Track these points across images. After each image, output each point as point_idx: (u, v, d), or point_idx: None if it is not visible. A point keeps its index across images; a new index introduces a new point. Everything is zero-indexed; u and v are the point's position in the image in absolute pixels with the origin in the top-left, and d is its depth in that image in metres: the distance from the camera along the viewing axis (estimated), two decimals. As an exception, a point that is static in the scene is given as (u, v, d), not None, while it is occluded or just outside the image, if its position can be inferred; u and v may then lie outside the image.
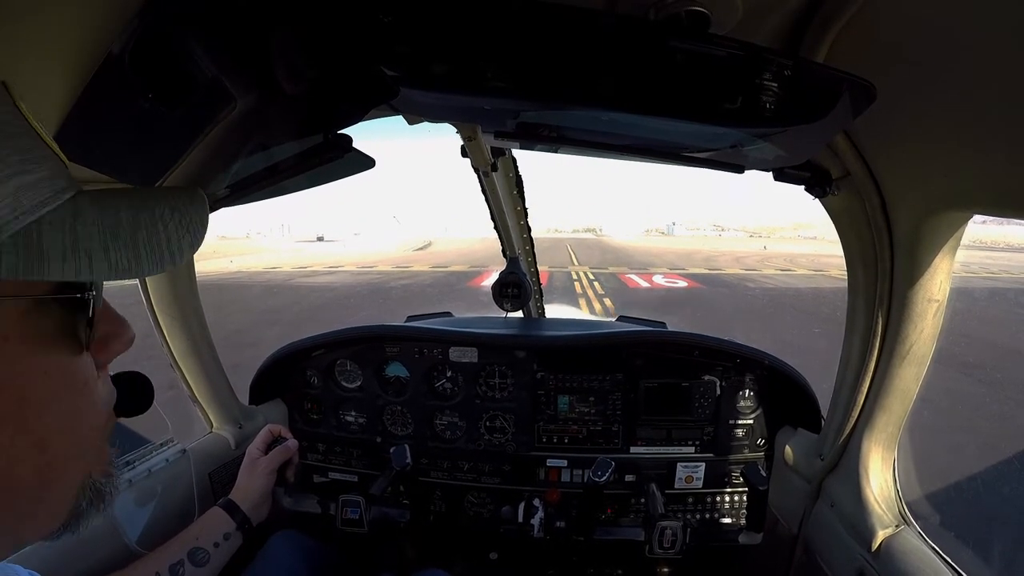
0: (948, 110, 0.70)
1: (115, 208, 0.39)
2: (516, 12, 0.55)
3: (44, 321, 0.38)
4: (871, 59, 0.71)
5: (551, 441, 1.59)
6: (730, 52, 0.58)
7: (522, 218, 1.88)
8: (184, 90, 0.70)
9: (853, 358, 1.12)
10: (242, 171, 0.98)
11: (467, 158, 1.29)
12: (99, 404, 0.44)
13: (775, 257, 28.46)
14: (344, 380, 1.66)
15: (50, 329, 0.38)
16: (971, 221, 0.87)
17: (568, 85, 0.60)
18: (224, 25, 0.66)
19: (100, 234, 0.37)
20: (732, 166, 0.95)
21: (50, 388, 0.38)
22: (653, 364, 1.54)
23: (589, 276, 18.21)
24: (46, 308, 0.38)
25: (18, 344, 0.36)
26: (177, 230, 0.41)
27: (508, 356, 1.57)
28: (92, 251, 0.36)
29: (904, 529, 1.02)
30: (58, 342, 0.39)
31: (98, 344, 0.44)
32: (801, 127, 0.68)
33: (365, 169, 0.85)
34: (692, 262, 24.71)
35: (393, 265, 22.95)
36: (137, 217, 0.40)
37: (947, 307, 0.96)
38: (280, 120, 0.84)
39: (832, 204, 1.05)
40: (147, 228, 0.40)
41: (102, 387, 0.45)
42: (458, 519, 1.63)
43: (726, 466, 1.55)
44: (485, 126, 0.98)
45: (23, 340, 0.36)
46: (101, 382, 0.45)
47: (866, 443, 1.09)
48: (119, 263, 0.37)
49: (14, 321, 0.36)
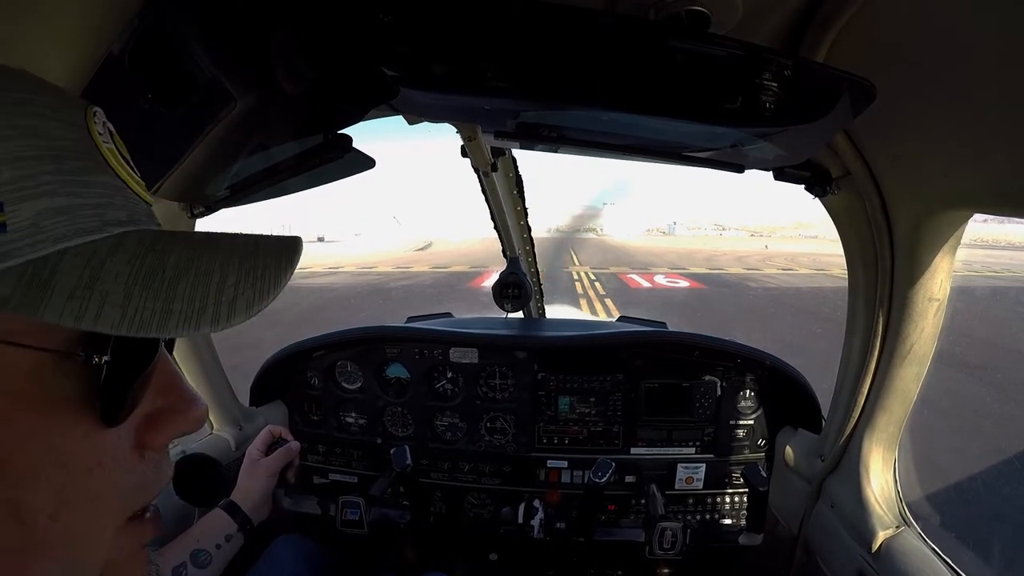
0: (948, 110, 0.70)
1: (168, 250, 0.33)
2: (516, 12, 0.55)
3: (57, 379, 0.31)
4: (871, 59, 0.71)
5: (551, 442, 1.59)
6: (730, 52, 0.58)
7: (522, 218, 1.88)
8: (184, 90, 0.70)
9: (853, 358, 1.12)
10: (242, 171, 0.99)
11: (467, 158, 1.29)
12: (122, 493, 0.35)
13: (777, 256, 28.42)
14: (344, 381, 1.66)
15: (63, 390, 0.31)
16: (972, 220, 0.87)
17: (568, 85, 0.60)
18: (224, 25, 0.67)
19: (130, 275, 0.31)
20: (732, 166, 0.95)
21: (38, 455, 0.31)
22: (654, 364, 1.54)
23: (591, 276, 18.19)
24: (61, 364, 0.31)
25: (14, 399, 0.30)
26: (239, 282, 0.33)
27: (508, 357, 1.57)
28: (107, 294, 0.29)
29: (904, 530, 1.02)
30: (70, 406, 0.32)
31: (144, 421, 0.36)
32: (801, 127, 0.68)
33: (365, 169, 0.85)
34: (693, 262, 24.67)
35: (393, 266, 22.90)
36: (190, 261, 0.33)
37: (948, 306, 0.95)
38: (280, 120, 0.84)
39: (832, 203, 1.05)
40: (195, 275, 0.32)
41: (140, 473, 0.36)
42: (458, 520, 1.63)
43: (726, 467, 1.55)
44: (485, 126, 0.98)
45: (24, 395, 0.30)
46: (149, 465, 0.37)
47: (867, 443, 1.09)
48: (138, 315, 0.29)
49: (17, 371, 0.30)
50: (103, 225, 0.32)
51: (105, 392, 0.32)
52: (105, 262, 0.30)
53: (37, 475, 0.31)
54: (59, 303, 0.28)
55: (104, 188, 0.33)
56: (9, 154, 0.29)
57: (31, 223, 0.29)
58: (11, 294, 0.28)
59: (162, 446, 0.38)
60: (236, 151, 0.92)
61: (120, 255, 0.31)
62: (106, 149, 0.34)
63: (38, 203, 0.29)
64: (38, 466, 0.31)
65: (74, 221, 0.31)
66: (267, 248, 0.36)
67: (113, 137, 0.36)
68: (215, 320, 0.31)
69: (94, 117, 0.35)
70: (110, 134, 0.36)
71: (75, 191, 0.31)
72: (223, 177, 1.03)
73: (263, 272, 0.34)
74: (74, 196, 0.31)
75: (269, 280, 0.34)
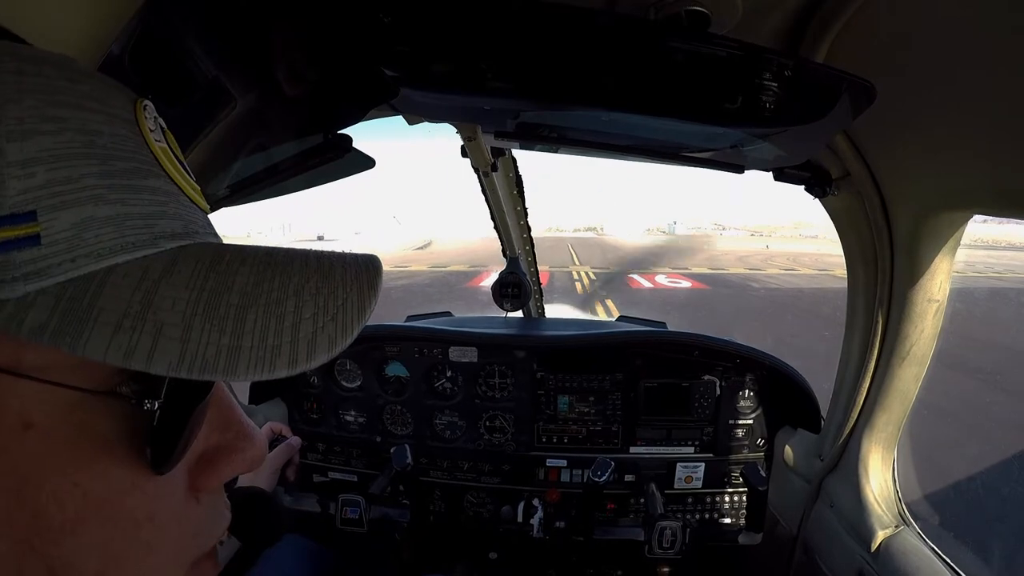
0: (948, 110, 0.70)
1: (234, 270, 0.28)
2: (516, 12, 0.55)
3: (99, 420, 0.26)
4: (871, 59, 0.71)
5: (551, 441, 1.59)
6: (730, 52, 0.58)
7: (522, 218, 1.88)
8: (184, 90, 0.71)
9: (853, 358, 1.12)
10: (243, 171, 0.99)
11: (467, 158, 1.29)
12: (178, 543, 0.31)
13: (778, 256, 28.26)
14: (344, 380, 1.66)
15: (107, 434, 0.27)
16: (971, 220, 0.87)
17: (568, 85, 0.60)
18: (224, 25, 0.67)
19: (189, 302, 0.26)
20: (732, 166, 0.95)
21: (76, 508, 0.26)
22: (653, 364, 1.54)
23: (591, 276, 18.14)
24: (105, 405, 0.26)
25: (46, 440, 0.25)
26: (316, 314, 0.28)
27: (508, 356, 1.57)
28: (163, 326, 0.24)
29: (904, 529, 1.02)
30: (115, 451, 0.27)
31: (198, 462, 0.32)
32: (801, 127, 0.68)
33: (365, 169, 0.85)
34: (695, 261, 24.59)
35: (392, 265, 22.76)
36: (258, 286, 0.27)
37: (948, 307, 0.96)
38: (280, 120, 0.84)
39: (832, 204, 1.05)
40: (267, 305, 0.27)
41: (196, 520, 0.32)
42: (458, 519, 1.63)
43: (726, 466, 1.55)
44: (485, 126, 0.98)
45: (59, 437, 0.25)
46: (206, 509, 0.33)
47: (866, 443, 1.09)
48: (200, 353, 0.25)
49: (53, 409, 0.25)
50: (155, 238, 0.27)
51: (157, 437, 0.28)
52: (160, 285, 0.26)
53: (76, 531, 0.26)
54: (104, 335, 0.23)
55: (156, 194, 0.29)
56: (44, 151, 0.24)
57: (71, 235, 0.24)
58: (47, 320, 0.23)
59: (218, 488, 0.34)
60: (236, 150, 0.92)
61: (177, 276, 0.26)
62: (158, 148, 0.30)
63: (80, 211, 0.25)
64: (77, 520, 0.26)
65: (122, 233, 0.26)
66: (344, 269, 0.30)
67: (165, 134, 0.32)
68: (292, 362, 0.26)
69: (144, 111, 0.31)
70: (162, 131, 0.32)
71: (123, 197, 0.27)
72: (223, 176, 1.03)
73: (344, 302, 0.29)
74: (121, 204, 0.26)
75: (352, 311, 0.29)
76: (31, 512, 0.25)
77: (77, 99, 0.27)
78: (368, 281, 0.30)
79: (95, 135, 0.27)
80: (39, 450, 0.25)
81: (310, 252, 0.31)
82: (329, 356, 0.27)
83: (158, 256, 0.27)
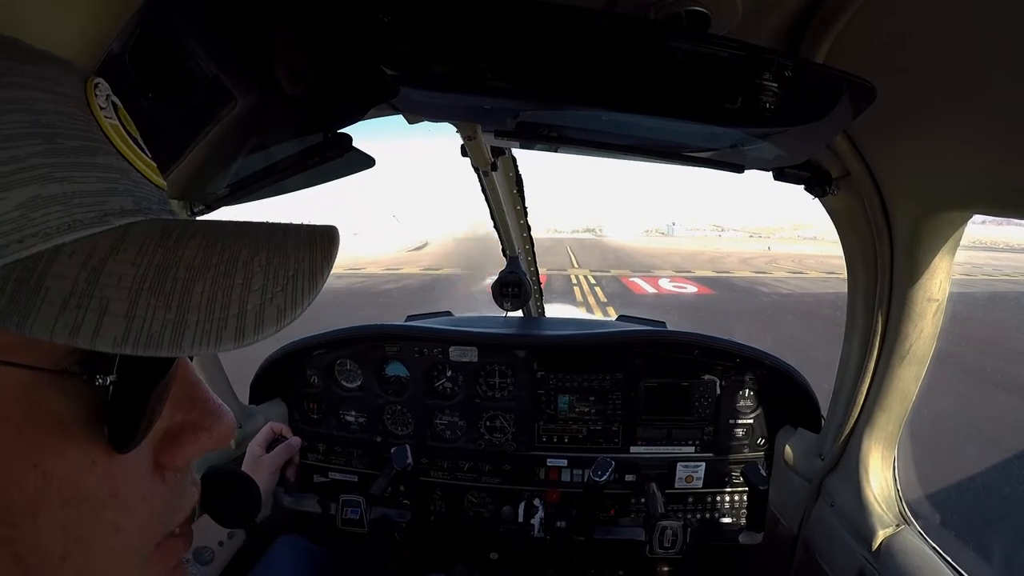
0: (948, 110, 0.70)
1: (182, 244, 0.28)
2: (516, 12, 0.55)
3: (54, 400, 0.27)
4: (871, 59, 0.71)
5: (551, 441, 1.59)
6: (730, 52, 0.58)
7: (522, 217, 1.88)
8: (184, 89, 0.71)
9: (853, 358, 1.12)
10: (243, 170, 0.98)
11: (467, 158, 1.29)
12: (144, 522, 0.31)
13: (782, 258, 28.00)
14: (344, 380, 1.66)
15: (63, 413, 0.27)
16: (970, 221, 0.87)
17: (568, 85, 0.60)
18: (224, 24, 0.67)
19: (135, 278, 0.25)
20: (732, 166, 0.95)
21: (36, 490, 0.26)
22: (653, 363, 1.54)
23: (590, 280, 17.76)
24: (59, 384, 0.27)
25: (2, 423, 0.25)
26: (265, 285, 0.27)
27: (508, 356, 1.57)
28: (108, 303, 0.24)
29: (904, 529, 1.02)
30: (71, 430, 0.27)
31: (163, 439, 0.32)
32: (801, 127, 0.68)
33: (365, 168, 0.85)
34: (697, 264, 24.38)
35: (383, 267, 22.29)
36: (207, 260, 0.27)
37: (948, 306, 0.96)
38: (280, 119, 0.84)
39: (832, 204, 1.05)
40: (215, 278, 0.27)
41: (162, 497, 0.32)
42: (458, 519, 1.63)
43: (726, 466, 1.55)
44: (485, 125, 0.98)
45: (14, 419, 0.25)
46: (172, 487, 0.33)
47: (866, 442, 1.09)
48: (145, 329, 0.24)
49: (6, 391, 0.25)
50: (104, 216, 0.27)
51: (114, 415, 0.28)
52: (106, 262, 0.25)
53: (36, 512, 0.26)
54: (50, 314, 0.23)
55: (106, 171, 0.28)
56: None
57: (18, 215, 0.24)
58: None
59: (185, 466, 0.34)
60: (236, 150, 0.92)
61: (124, 253, 0.26)
62: (108, 126, 0.30)
63: (26, 191, 0.25)
64: (37, 502, 0.26)
65: (70, 211, 0.26)
66: (297, 241, 0.30)
67: (118, 111, 0.32)
68: (240, 334, 0.26)
69: (95, 89, 0.30)
70: (114, 108, 0.32)
71: (69, 175, 0.26)
72: (223, 176, 1.03)
73: (295, 273, 0.28)
74: (68, 182, 0.26)
75: (303, 282, 0.28)
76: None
77: (22, 79, 0.27)
78: (322, 251, 0.30)
79: (40, 114, 0.26)
80: (7, 436, 0.25)
81: (263, 224, 0.31)
82: (279, 327, 0.27)
83: (106, 234, 0.27)
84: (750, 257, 28.89)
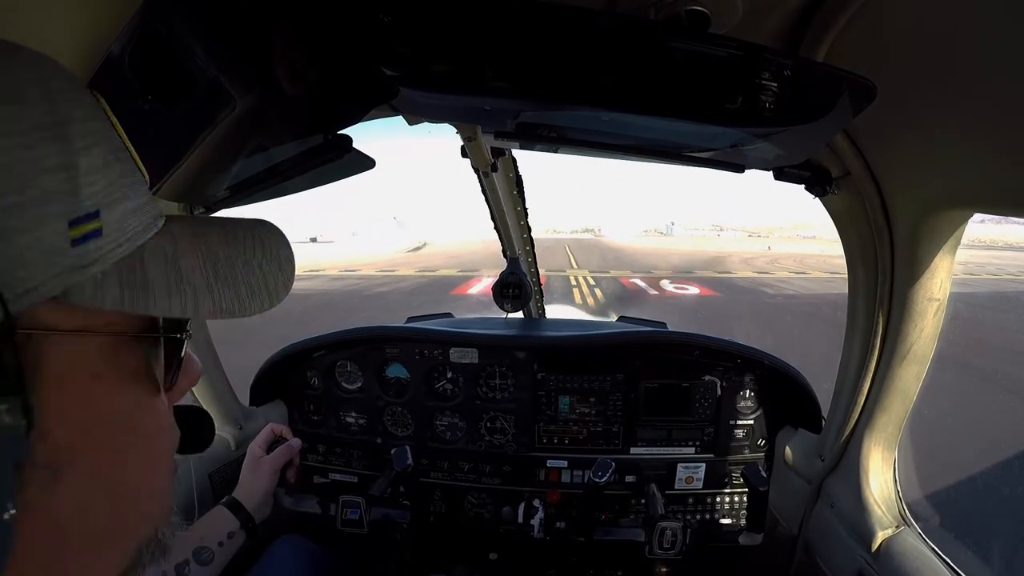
0: (948, 110, 0.70)
1: (206, 235, 0.38)
2: (516, 12, 0.55)
3: (130, 359, 0.35)
4: (871, 59, 0.71)
5: (551, 442, 1.59)
6: (730, 52, 0.58)
7: (522, 218, 1.88)
8: (184, 91, 0.70)
9: (854, 358, 1.12)
10: (242, 172, 0.98)
11: (467, 158, 1.29)
12: (173, 449, 0.41)
13: (783, 258, 27.85)
14: (344, 381, 1.66)
15: (134, 368, 0.35)
16: (970, 220, 0.87)
17: (568, 85, 0.60)
18: (224, 25, 0.66)
19: (203, 269, 0.35)
20: (732, 166, 0.95)
21: (131, 433, 0.35)
22: (653, 364, 1.54)
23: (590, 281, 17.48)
24: (133, 345, 0.35)
25: (107, 384, 0.33)
26: (270, 268, 0.39)
27: (508, 357, 1.57)
28: (197, 287, 0.34)
29: (904, 530, 1.02)
30: (140, 382, 0.36)
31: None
32: (801, 126, 0.68)
33: (365, 169, 0.85)
34: (698, 264, 24.21)
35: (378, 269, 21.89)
36: (231, 252, 0.38)
37: (948, 306, 0.95)
38: (280, 121, 0.84)
39: (832, 203, 1.05)
40: (244, 265, 0.38)
41: (174, 429, 0.42)
42: (458, 520, 1.63)
43: (726, 466, 1.55)
44: (485, 126, 0.98)
45: (111, 380, 0.34)
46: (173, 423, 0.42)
47: (866, 443, 1.09)
48: (222, 302, 0.35)
49: (105, 359, 0.33)
50: (154, 220, 0.36)
51: (169, 362, 0.38)
52: (176, 257, 0.35)
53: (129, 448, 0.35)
54: (164, 299, 0.33)
55: (139, 182, 0.36)
56: (101, 160, 0.31)
57: (118, 226, 0.32)
58: (120, 294, 0.31)
59: (175, 402, 0.43)
60: (236, 151, 0.92)
61: (182, 248, 0.35)
62: (129, 143, 0.37)
63: (123, 205, 0.32)
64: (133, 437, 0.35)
65: (140, 219, 0.34)
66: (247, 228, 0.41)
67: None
68: (270, 301, 0.38)
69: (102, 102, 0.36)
70: None
71: (132, 191, 0.34)
72: (223, 178, 1.03)
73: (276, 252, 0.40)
74: (134, 196, 0.34)
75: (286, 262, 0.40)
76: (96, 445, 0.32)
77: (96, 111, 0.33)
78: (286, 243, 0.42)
79: (110, 140, 0.33)
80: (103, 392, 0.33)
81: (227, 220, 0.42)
82: (287, 291, 0.39)
83: (160, 234, 0.36)
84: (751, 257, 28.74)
